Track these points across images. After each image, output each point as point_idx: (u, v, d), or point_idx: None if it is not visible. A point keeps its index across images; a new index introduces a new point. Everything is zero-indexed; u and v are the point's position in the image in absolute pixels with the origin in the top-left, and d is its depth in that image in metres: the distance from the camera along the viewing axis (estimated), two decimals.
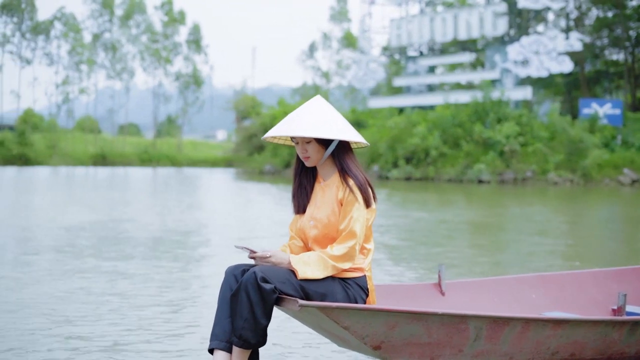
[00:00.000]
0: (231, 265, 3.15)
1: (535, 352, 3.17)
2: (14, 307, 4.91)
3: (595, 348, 3.26)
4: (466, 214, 15.15)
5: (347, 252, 3.06)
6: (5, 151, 53.00)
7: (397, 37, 46.88)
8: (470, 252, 8.73)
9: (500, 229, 12.25)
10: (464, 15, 43.53)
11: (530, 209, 17.33)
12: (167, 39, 68.05)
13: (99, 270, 6.63)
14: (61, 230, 10.19)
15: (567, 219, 14.84)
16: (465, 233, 11.28)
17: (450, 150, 36.43)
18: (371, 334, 2.93)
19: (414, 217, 14.02)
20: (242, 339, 2.89)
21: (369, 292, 3.20)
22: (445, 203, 19.29)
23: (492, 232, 11.66)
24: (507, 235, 11.30)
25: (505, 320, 3.06)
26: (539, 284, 4.08)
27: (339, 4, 70.46)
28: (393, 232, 10.81)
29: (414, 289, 3.81)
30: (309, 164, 3.22)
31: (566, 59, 39.31)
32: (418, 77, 46.04)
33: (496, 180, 33.54)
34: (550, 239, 10.53)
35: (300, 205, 3.31)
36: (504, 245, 9.86)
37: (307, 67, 72.97)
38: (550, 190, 27.89)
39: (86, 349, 3.88)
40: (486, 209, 17.47)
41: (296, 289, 2.97)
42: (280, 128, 3.16)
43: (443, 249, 9.03)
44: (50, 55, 65.57)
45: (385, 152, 37.91)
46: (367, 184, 3.17)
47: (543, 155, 34.05)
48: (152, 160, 60.81)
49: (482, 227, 12.28)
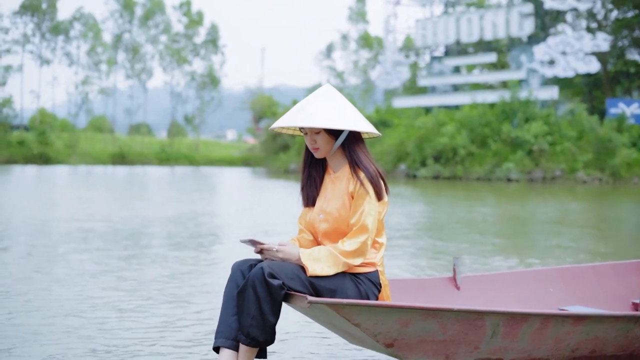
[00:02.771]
0: (238, 260, 3.05)
1: (555, 349, 3.05)
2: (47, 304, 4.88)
3: (617, 344, 3.13)
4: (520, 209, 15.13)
5: (358, 248, 2.95)
6: (26, 150, 53.55)
7: (423, 37, 47.23)
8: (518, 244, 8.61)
9: (544, 222, 12.13)
10: (489, 15, 43.75)
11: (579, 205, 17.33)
12: (189, 39, 68.48)
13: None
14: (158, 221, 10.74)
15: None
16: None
17: (478, 150, 36.83)
18: (384, 331, 2.83)
19: (479, 211, 13.92)
20: (250, 337, 2.79)
21: (382, 288, 3.09)
22: (488, 198, 19.55)
23: (533, 225, 11.54)
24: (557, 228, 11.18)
25: (523, 316, 2.94)
26: (557, 277, 3.94)
27: (357, 4, 70.32)
28: (438, 230, 10.71)
29: (429, 284, 3.70)
30: (318, 156, 3.10)
31: (593, 59, 39.41)
32: (443, 77, 46.31)
33: (525, 179, 33.87)
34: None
35: (309, 198, 3.19)
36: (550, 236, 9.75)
37: (323, 67, 73.00)
38: (580, 188, 28.25)
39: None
40: (539, 204, 17.58)
41: (305, 285, 2.86)
42: (287, 118, 3.04)
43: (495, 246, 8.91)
44: (69, 55, 66.06)
45: (412, 151, 38.45)
46: (379, 176, 3.05)
47: (571, 155, 34.34)
48: (170, 160, 61.12)
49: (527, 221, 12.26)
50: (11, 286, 5.53)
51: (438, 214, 14.12)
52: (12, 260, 6.93)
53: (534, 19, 41.61)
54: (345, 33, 71.13)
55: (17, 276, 6.00)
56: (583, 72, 40.38)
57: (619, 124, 35.75)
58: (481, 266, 6.93)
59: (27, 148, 53.77)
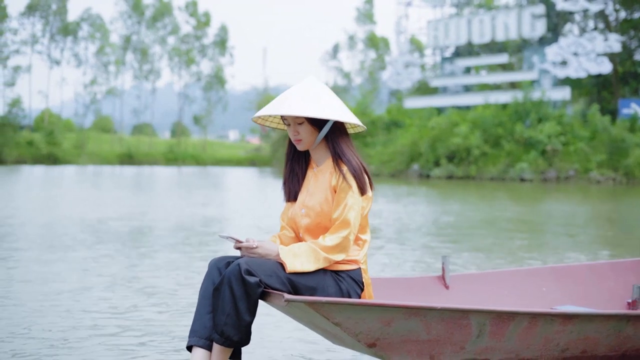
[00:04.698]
0: (215, 257, 2.95)
1: (544, 349, 2.94)
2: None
3: (609, 344, 3.01)
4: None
5: (340, 243, 2.85)
6: (35, 150, 53.77)
7: (434, 38, 47.50)
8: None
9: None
10: (501, 17, 44.01)
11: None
12: (198, 40, 68.67)
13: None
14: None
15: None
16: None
17: (491, 150, 37.15)
18: (365, 331, 2.72)
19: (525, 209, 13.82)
20: (224, 336, 2.69)
21: (365, 286, 2.99)
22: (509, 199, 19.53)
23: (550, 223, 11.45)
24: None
25: (510, 315, 2.83)
26: (551, 276, 3.82)
27: (364, 5, 70.37)
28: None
29: (417, 282, 3.59)
30: (300, 148, 2.99)
31: (605, 59, 39.61)
32: (455, 77, 46.53)
33: (539, 179, 34.09)
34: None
35: (291, 193, 3.09)
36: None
37: (329, 67, 73.06)
38: (594, 187, 28.39)
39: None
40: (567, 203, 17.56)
41: (284, 282, 2.76)
42: (270, 107, 2.94)
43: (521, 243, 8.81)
44: (78, 56, 66.28)
45: (426, 152, 38.80)
46: (363, 170, 2.95)
47: (584, 155, 34.55)
48: (178, 160, 61.22)
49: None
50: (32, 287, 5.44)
51: (483, 213, 14.15)
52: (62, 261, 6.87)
53: (545, 20, 41.89)
54: (352, 34, 71.23)
55: (70, 280, 5.83)
56: (595, 73, 40.58)
57: (631, 124, 35.95)
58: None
59: (36, 148, 54.02)
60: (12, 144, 52.99)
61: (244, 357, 3.22)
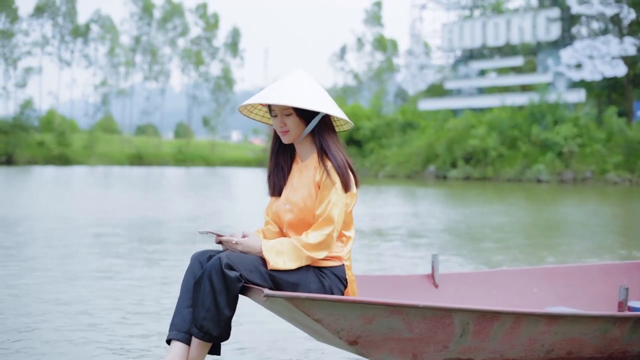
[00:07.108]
0: (197, 251, 2.93)
1: (529, 350, 2.89)
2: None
3: (595, 346, 2.96)
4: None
5: (323, 240, 2.82)
6: (46, 151, 54.02)
7: (449, 40, 47.70)
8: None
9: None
10: (516, 20, 44.28)
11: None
12: (209, 42, 68.93)
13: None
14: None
15: None
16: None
17: (508, 151, 37.43)
18: (346, 328, 2.69)
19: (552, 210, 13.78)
20: (203, 331, 2.66)
21: (348, 283, 2.95)
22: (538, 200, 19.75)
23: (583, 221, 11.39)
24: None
25: (494, 315, 2.78)
26: (543, 277, 3.78)
27: (373, 7, 70.47)
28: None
29: (405, 281, 3.55)
30: (286, 140, 2.95)
31: (620, 62, 39.81)
32: (469, 80, 46.77)
33: (555, 180, 34.30)
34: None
35: (276, 187, 3.05)
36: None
37: (337, 68, 73.17)
38: (611, 189, 28.60)
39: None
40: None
41: (265, 278, 2.73)
42: (259, 96, 2.90)
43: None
44: (88, 57, 66.59)
45: (442, 153, 39.08)
46: (347, 167, 2.91)
47: (601, 156, 34.78)
48: (187, 161, 61.35)
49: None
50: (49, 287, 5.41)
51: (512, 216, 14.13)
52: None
53: (560, 24, 42.01)
54: (360, 36, 71.35)
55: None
56: (610, 76, 40.75)
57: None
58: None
59: (47, 149, 54.26)
60: (24, 145, 53.28)
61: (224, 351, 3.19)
